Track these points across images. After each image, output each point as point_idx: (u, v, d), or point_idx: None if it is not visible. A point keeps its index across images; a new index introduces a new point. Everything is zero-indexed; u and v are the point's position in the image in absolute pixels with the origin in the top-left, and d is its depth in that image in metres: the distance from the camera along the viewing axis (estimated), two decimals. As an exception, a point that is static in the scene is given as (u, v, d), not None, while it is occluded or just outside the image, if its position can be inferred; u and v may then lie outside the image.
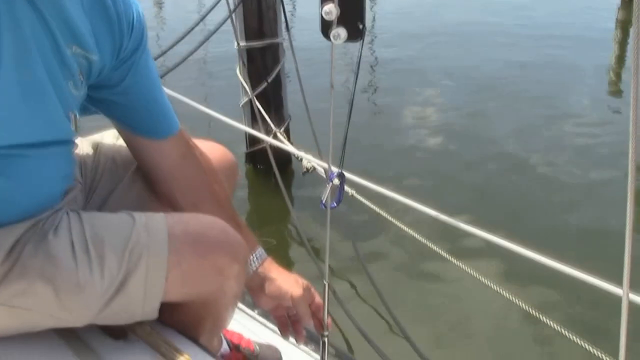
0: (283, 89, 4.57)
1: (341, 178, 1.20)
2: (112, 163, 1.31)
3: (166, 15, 10.49)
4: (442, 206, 2.14)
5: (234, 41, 4.28)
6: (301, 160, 4.05)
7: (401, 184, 4.19)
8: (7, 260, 1.00)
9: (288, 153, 4.07)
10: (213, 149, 1.42)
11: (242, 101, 4.49)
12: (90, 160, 1.30)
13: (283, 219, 4.12)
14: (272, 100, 4.47)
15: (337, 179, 1.20)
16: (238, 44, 4.28)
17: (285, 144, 3.90)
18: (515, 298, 2.51)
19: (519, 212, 4.14)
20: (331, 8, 0.97)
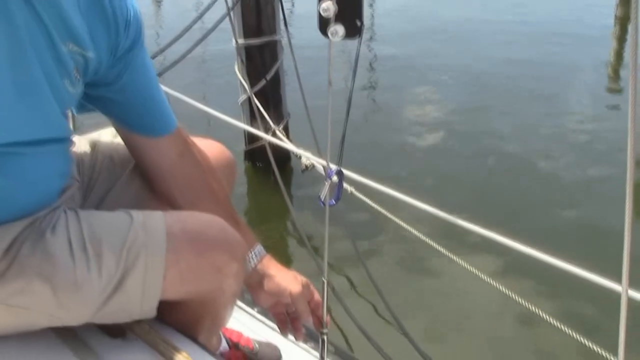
0: (282, 87, 4.57)
1: (340, 175, 1.20)
2: (110, 161, 1.31)
3: (165, 13, 10.47)
4: (441, 203, 2.14)
5: (233, 39, 4.27)
6: (300, 157, 4.04)
7: (400, 182, 4.17)
8: (5, 258, 0.99)
9: (287, 151, 4.07)
10: (211, 147, 1.41)
11: (241, 99, 4.48)
12: (87, 158, 1.30)
13: (282, 217, 4.12)
14: (271, 97, 4.46)
15: (336, 177, 1.20)
16: (236, 42, 4.27)
17: (284, 142, 3.90)
18: (514, 294, 2.52)
19: (518, 209, 4.14)
20: (329, 5, 0.97)
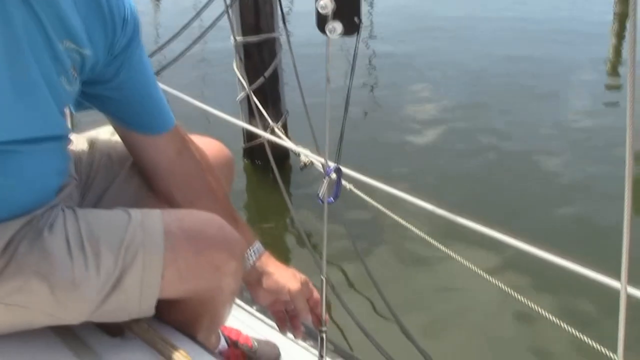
0: (280, 84, 4.56)
1: (338, 173, 1.19)
2: (108, 159, 1.30)
3: (164, 12, 10.46)
4: (440, 201, 2.13)
5: (231, 37, 4.27)
6: (299, 155, 4.04)
7: (399, 179, 4.18)
8: (2, 257, 0.99)
9: (286, 148, 4.07)
10: (209, 145, 1.41)
11: (240, 97, 4.47)
12: (85, 156, 1.29)
13: (281, 214, 4.11)
14: (269, 95, 4.46)
15: (334, 174, 1.19)
16: (235, 39, 4.26)
17: (282, 139, 3.89)
18: (513, 292, 2.51)
19: (517, 207, 4.14)
20: (327, 2, 0.97)
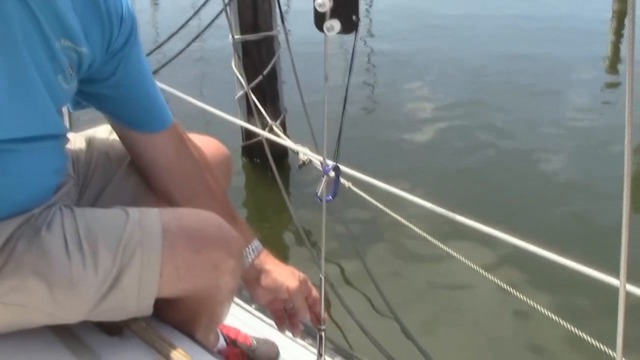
0: (278, 82, 4.56)
1: (336, 171, 1.19)
2: (105, 158, 1.30)
3: (163, 11, 10.46)
4: (439, 199, 2.14)
5: (229, 35, 4.26)
6: (297, 153, 4.04)
7: (398, 177, 4.19)
8: (0, 256, 0.99)
9: (284, 146, 4.07)
10: (207, 143, 1.41)
11: (238, 94, 4.47)
12: (83, 155, 1.29)
13: (280, 212, 4.11)
14: (268, 93, 4.46)
15: (333, 172, 1.19)
16: (233, 37, 4.26)
17: (280, 138, 3.89)
18: (511, 289, 2.51)
19: (516, 205, 4.14)
20: (324, 0, 0.96)
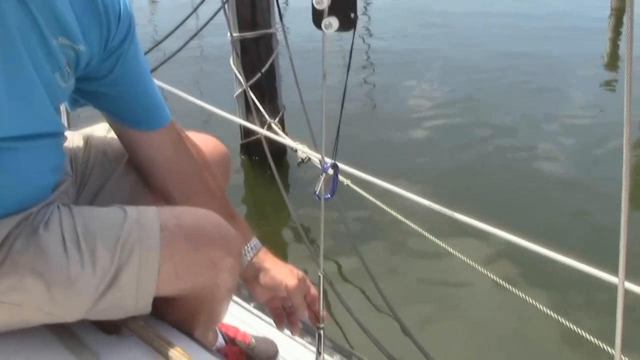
0: (277, 80, 4.56)
1: (335, 169, 1.19)
2: (103, 156, 1.30)
3: (161, 9, 10.45)
4: (438, 196, 2.14)
5: (228, 32, 4.26)
6: (296, 150, 4.03)
7: (397, 174, 4.19)
8: (-2, 254, 0.99)
9: (283, 144, 4.07)
10: (205, 141, 1.40)
11: (236, 92, 4.47)
12: (80, 153, 1.29)
13: (278, 210, 4.11)
14: (266, 90, 4.46)
15: (331, 170, 1.19)
16: (231, 35, 4.26)
17: (279, 135, 3.89)
18: (509, 285, 2.52)
19: (514, 200, 4.14)
20: (323, -3, 0.96)
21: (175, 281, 1.09)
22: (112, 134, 1.29)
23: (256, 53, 4.36)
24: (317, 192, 1.18)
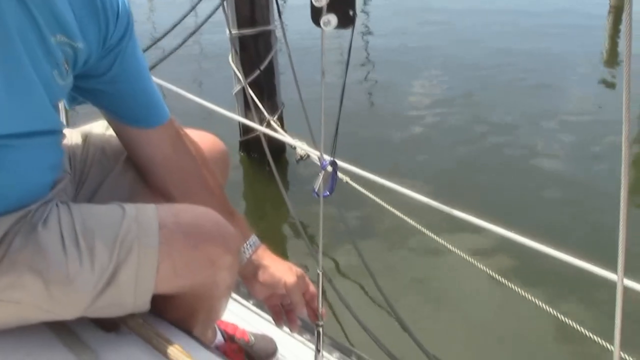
0: (276, 77, 4.56)
1: (334, 166, 1.19)
2: (102, 154, 1.30)
3: (160, 6, 10.42)
4: (436, 193, 2.14)
5: (226, 29, 4.25)
6: (295, 148, 4.03)
7: (396, 172, 4.19)
8: (-4, 252, 0.99)
9: (282, 141, 4.06)
10: (204, 138, 1.40)
11: (235, 89, 4.47)
12: (79, 151, 1.29)
13: (277, 207, 4.11)
14: (265, 88, 4.45)
15: (330, 167, 1.19)
16: (230, 32, 4.25)
17: (278, 133, 3.89)
18: (510, 283, 2.52)
19: (514, 198, 4.14)
20: (322, -5, 0.96)
21: (173, 279, 1.09)
22: (111, 132, 1.28)
23: (255, 50, 4.36)
24: (316, 190, 1.18)
